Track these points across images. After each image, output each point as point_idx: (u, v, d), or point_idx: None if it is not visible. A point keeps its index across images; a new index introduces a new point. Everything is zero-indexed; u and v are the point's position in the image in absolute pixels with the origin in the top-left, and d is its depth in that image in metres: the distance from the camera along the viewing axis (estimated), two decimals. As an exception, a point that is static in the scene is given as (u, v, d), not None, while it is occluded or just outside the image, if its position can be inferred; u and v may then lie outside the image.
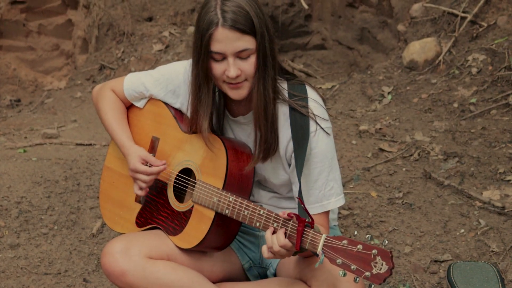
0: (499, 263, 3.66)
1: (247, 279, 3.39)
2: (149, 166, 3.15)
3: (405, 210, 4.06)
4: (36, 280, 3.63)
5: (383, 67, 5.81)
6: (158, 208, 3.27)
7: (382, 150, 4.59)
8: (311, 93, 3.10)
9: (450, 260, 3.70)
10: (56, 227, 3.96)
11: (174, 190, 3.22)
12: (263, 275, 3.40)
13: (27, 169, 4.35)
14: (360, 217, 4.00)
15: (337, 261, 2.68)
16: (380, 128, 4.84)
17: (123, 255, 3.07)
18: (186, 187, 3.20)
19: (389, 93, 5.43)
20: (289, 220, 2.79)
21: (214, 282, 3.22)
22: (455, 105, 5.02)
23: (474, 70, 5.24)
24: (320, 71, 7.05)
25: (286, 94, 3.08)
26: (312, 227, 2.78)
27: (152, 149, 3.31)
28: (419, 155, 4.50)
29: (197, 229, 3.10)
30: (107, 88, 3.40)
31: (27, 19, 7.69)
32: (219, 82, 3.00)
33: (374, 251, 2.64)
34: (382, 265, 2.63)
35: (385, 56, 6.88)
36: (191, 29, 6.68)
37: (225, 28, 2.85)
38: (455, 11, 5.67)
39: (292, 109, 3.05)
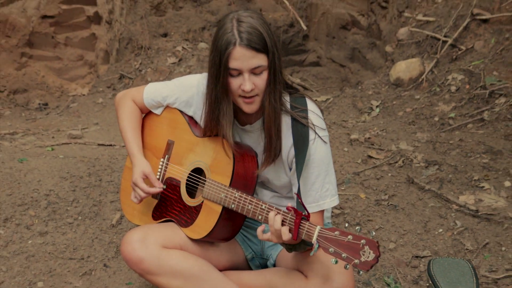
0: (473, 260, 3.70)
1: (249, 268, 3.43)
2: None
3: (390, 210, 4.11)
4: (62, 264, 3.67)
5: (372, 83, 5.82)
6: (172, 203, 3.32)
7: (370, 157, 4.62)
8: (310, 105, 3.16)
9: (430, 256, 3.74)
10: (80, 218, 3.98)
11: (186, 187, 3.28)
12: (263, 266, 3.44)
13: (55, 165, 4.38)
14: (350, 216, 4.04)
15: (330, 249, 2.75)
16: (369, 138, 4.87)
17: (141, 244, 3.13)
18: (197, 185, 3.26)
19: (377, 106, 5.44)
20: (288, 213, 2.87)
21: (220, 270, 3.26)
22: (436, 118, 5.05)
23: (453, 88, 5.26)
24: (315, 85, 7.06)
25: (288, 106, 3.12)
26: (308, 220, 2.87)
27: (168, 150, 3.35)
28: (403, 162, 4.53)
29: (206, 222, 3.16)
30: (128, 97, 3.45)
31: (56, 32, 7.67)
32: (234, 96, 3.02)
33: (362, 241, 2.71)
34: (369, 253, 2.70)
35: (373, 74, 6.86)
36: (202, 44, 6.72)
37: (242, 47, 2.88)
38: (437, 35, 5.68)
39: (293, 120, 3.10)
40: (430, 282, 3.32)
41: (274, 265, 3.37)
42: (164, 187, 3.27)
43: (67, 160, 4.50)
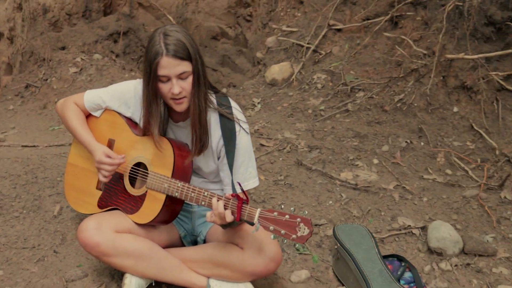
0: (362, 224, 3.82)
1: (183, 245, 3.41)
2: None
3: (287, 189, 4.16)
4: (17, 253, 3.52)
5: (251, 84, 5.86)
6: (116, 193, 3.26)
7: (262, 145, 4.66)
8: (233, 103, 3.19)
9: (326, 223, 3.84)
10: (24, 211, 3.83)
11: (129, 179, 3.23)
12: (194, 241, 3.43)
13: (-8, 166, 4.20)
14: (256, 195, 4.07)
15: (270, 228, 2.79)
16: (258, 129, 4.91)
17: (97, 230, 3.07)
18: (137, 177, 3.21)
19: (258, 103, 5.48)
20: (230, 199, 2.90)
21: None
22: (309, 111, 5.14)
23: (319, 86, 5.36)
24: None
25: (215, 103, 3.14)
26: (247, 204, 2.90)
27: (110, 148, 3.27)
28: (290, 148, 4.60)
29: (151, 209, 3.12)
30: (70, 102, 3.35)
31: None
32: (166, 99, 3.01)
33: (298, 219, 2.78)
34: (304, 229, 2.77)
35: (242, 76, 6.90)
36: (96, 56, 6.56)
37: (168, 56, 2.87)
38: (301, 43, 5.79)
39: (221, 115, 3.12)
40: (338, 244, 3.41)
41: (204, 241, 3.37)
42: (124, 157, 3.16)
43: (3, 161, 4.32)
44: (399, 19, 5.38)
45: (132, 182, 3.24)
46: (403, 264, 3.36)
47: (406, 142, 4.60)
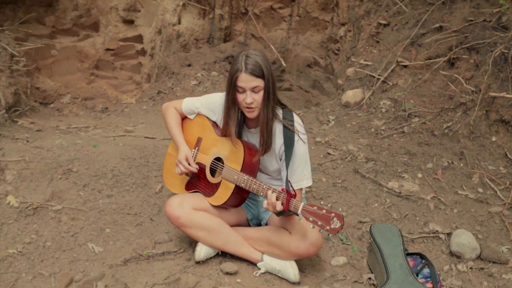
0: (398, 225, 3.73)
1: (248, 225, 3.44)
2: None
3: (342, 190, 4.09)
4: (122, 217, 3.65)
5: (329, 105, 5.80)
6: (199, 180, 3.31)
7: (329, 153, 4.59)
8: (295, 117, 3.18)
9: (369, 221, 3.76)
10: (134, 186, 3.95)
11: (210, 170, 3.29)
12: (258, 224, 3.45)
13: (117, 150, 4.34)
14: (316, 193, 4.03)
15: (310, 219, 2.79)
16: (327, 140, 4.84)
17: (179, 206, 3.16)
18: (217, 168, 3.25)
19: (332, 120, 5.41)
20: (282, 192, 2.91)
21: (230, 226, 3.29)
22: (372, 130, 5.02)
23: (383, 110, 5.23)
24: (288, 103, 6.99)
25: (281, 116, 3.14)
26: (295, 198, 2.90)
27: (198, 144, 3.33)
28: (351, 158, 4.51)
29: (223, 194, 3.17)
30: (171, 106, 3.44)
31: (114, 60, 7.60)
32: (241, 106, 3.05)
33: (332, 214, 2.76)
34: (337, 223, 2.75)
35: (327, 98, 6.84)
36: (214, 73, 6.68)
37: (246, 73, 2.93)
38: (373, 74, 5.68)
39: (284, 127, 3.12)
40: (371, 239, 3.33)
41: (266, 224, 3.38)
42: (198, 168, 3.24)
43: (125, 147, 4.46)
44: (455, 61, 5.17)
45: (212, 172, 3.29)
46: (423, 261, 3.23)
47: (448, 162, 4.42)
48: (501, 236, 3.64)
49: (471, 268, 3.35)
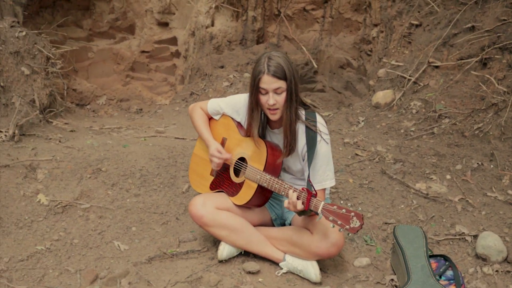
0: (424, 227, 3.67)
1: (273, 225, 3.44)
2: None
3: (369, 191, 4.06)
4: (148, 216, 3.69)
5: (359, 105, 5.75)
6: (224, 179, 3.33)
7: (357, 154, 4.55)
8: (318, 118, 3.16)
9: (394, 223, 3.72)
10: (161, 186, 3.99)
11: (233, 170, 3.29)
12: (282, 224, 3.45)
13: (146, 150, 4.38)
14: (342, 194, 4.01)
15: (330, 218, 2.78)
16: (356, 142, 4.79)
17: (202, 206, 3.19)
18: (241, 168, 3.26)
19: (362, 121, 5.35)
20: (303, 192, 2.90)
21: (254, 226, 3.30)
22: (402, 131, 4.95)
23: (414, 111, 5.15)
24: (321, 105, 6.99)
25: (304, 118, 3.13)
26: (316, 197, 2.88)
27: (222, 144, 3.35)
28: (379, 159, 4.46)
29: (246, 193, 3.18)
30: (198, 107, 3.47)
31: (149, 62, 7.71)
32: (264, 108, 3.06)
33: (352, 213, 2.74)
34: (356, 222, 2.73)
35: (360, 99, 6.78)
36: (246, 74, 6.70)
37: (268, 75, 2.93)
38: (404, 75, 5.60)
39: (307, 127, 3.11)
40: (395, 241, 3.29)
41: (290, 224, 3.38)
42: (230, 155, 3.27)
43: (154, 147, 4.51)
44: (488, 61, 5.06)
45: (236, 172, 3.29)
46: (447, 263, 3.17)
47: (477, 163, 4.32)
48: (530, 239, 3.55)
49: (496, 271, 3.27)
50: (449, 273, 3.10)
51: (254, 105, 3.09)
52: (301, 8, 7.63)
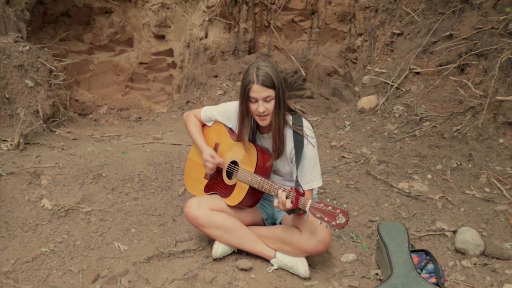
0: (406, 224, 3.70)
1: (264, 225, 3.45)
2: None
3: (355, 191, 4.09)
4: (147, 218, 3.70)
5: (346, 111, 5.78)
6: (217, 182, 3.35)
7: (343, 157, 4.58)
8: (305, 122, 3.18)
9: (379, 220, 3.75)
10: (159, 189, 4.00)
11: (226, 172, 3.31)
12: (273, 223, 3.46)
13: (144, 156, 4.39)
14: (329, 194, 4.03)
15: (317, 215, 2.80)
16: (343, 144, 4.82)
17: (197, 207, 3.19)
18: (233, 171, 3.29)
19: (348, 125, 5.38)
20: (291, 191, 2.92)
21: (246, 225, 3.31)
22: (385, 134, 4.98)
23: (396, 115, 5.18)
24: (310, 110, 7.02)
25: (291, 122, 3.15)
26: (303, 196, 2.91)
27: (215, 149, 3.37)
28: (364, 161, 4.49)
29: (238, 194, 3.19)
30: (192, 115, 3.48)
31: (147, 73, 7.72)
32: (254, 115, 3.08)
33: (337, 210, 2.76)
34: (342, 218, 2.75)
35: (346, 104, 6.81)
36: (239, 83, 6.72)
37: (258, 84, 2.95)
38: (387, 81, 5.63)
39: (294, 131, 3.13)
40: (379, 237, 3.31)
41: (280, 224, 3.40)
42: (223, 160, 3.28)
43: (152, 153, 4.53)
44: (465, 67, 5.10)
45: (229, 175, 3.32)
46: (427, 257, 3.20)
47: (456, 163, 4.36)
48: (506, 233, 3.58)
49: (475, 264, 3.30)
50: (430, 266, 3.13)
51: (245, 112, 3.11)
52: (290, 19, 7.67)
